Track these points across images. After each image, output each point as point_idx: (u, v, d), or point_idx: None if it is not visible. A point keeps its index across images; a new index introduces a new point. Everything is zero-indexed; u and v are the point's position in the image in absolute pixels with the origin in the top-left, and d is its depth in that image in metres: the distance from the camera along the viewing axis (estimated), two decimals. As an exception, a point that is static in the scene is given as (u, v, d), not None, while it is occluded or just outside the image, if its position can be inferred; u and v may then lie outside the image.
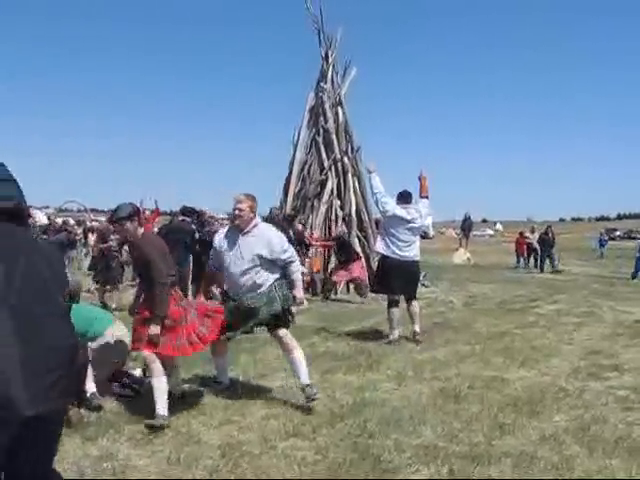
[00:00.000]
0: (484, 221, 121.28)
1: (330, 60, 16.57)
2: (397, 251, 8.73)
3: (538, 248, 24.30)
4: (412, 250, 8.81)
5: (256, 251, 5.78)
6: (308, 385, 5.77)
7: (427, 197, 9.28)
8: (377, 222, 14.73)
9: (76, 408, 5.21)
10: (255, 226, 5.92)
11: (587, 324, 10.62)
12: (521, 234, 25.43)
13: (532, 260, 24.72)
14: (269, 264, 5.85)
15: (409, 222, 8.72)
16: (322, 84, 16.45)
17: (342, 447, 4.74)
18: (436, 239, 39.01)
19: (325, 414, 5.52)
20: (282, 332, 5.93)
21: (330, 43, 16.64)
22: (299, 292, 6.08)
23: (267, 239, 5.84)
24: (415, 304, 9.07)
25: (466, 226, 32.49)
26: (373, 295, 11.65)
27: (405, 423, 5.29)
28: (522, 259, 25.21)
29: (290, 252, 5.97)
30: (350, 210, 15.68)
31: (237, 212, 5.86)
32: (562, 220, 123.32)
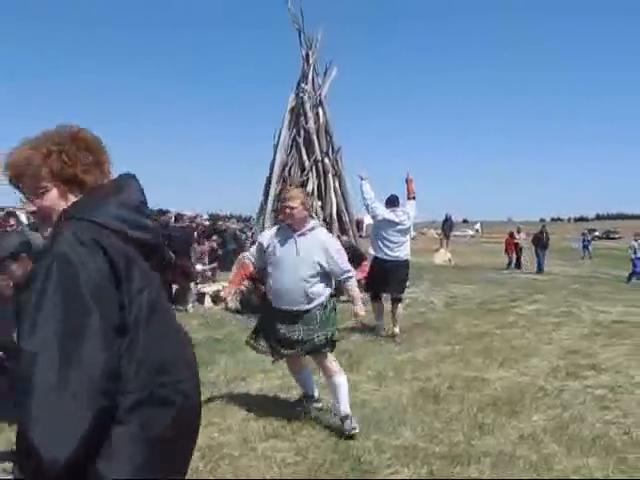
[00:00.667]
0: (465, 221, 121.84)
1: (311, 61, 16.59)
2: (388, 252, 9.21)
3: (525, 248, 24.43)
4: (403, 250, 9.31)
5: (315, 257, 5.05)
6: (347, 416, 5.08)
7: (414, 198, 9.70)
8: (358, 223, 14.79)
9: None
10: (312, 229, 5.19)
11: (566, 324, 10.72)
12: (511, 234, 25.30)
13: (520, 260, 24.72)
14: (325, 275, 5.14)
15: (398, 224, 9.20)
16: (303, 85, 16.46)
17: (322, 448, 4.74)
18: (417, 239, 39.08)
19: (305, 415, 5.52)
20: (328, 356, 5.25)
21: (311, 44, 16.66)
22: (360, 309, 5.40)
23: (324, 245, 5.12)
24: (400, 307, 9.42)
25: (447, 227, 32.61)
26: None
27: (385, 424, 5.31)
28: (510, 259, 25.05)
29: (349, 265, 5.26)
30: (331, 211, 15.69)
31: (288, 210, 5.10)
32: (542, 220, 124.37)
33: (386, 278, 9.18)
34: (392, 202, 9.47)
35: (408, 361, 7.65)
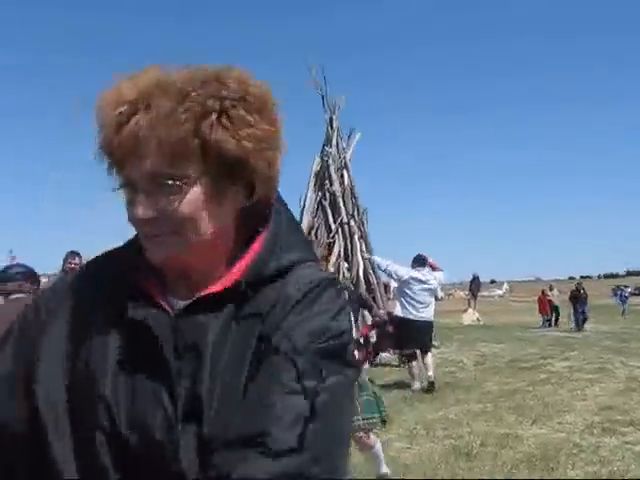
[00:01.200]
0: (492, 282, 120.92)
1: (334, 125, 16.87)
2: (414, 312, 9.50)
3: (561, 305, 23.97)
4: (428, 311, 9.66)
5: None
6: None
7: (441, 270, 10.17)
8: (385, 286, 14.81)
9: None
10: None
11: (600, 380, 10.51)
12: (543, 292, 24.97)
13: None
14: None
15: (424, 283, 9.51)
16: (327, 148, 16.70)
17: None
18: (445, 301, 38.87)
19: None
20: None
21: (334, 108, 16.98)
22: None
23: None
24: (429, 355, 9.68)
25: (474, 286, 32.40)
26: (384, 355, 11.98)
27: (418, 481, 5.24)
28: (544, 318, 24.58)
29: None
30: (358, 272, 15.70)
31: None
32: (572, 278, 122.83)
33: (417, 335, 9.42)
34: (418, 261, 9.72)
35: (439, 419, 7.56)
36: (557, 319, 24.27)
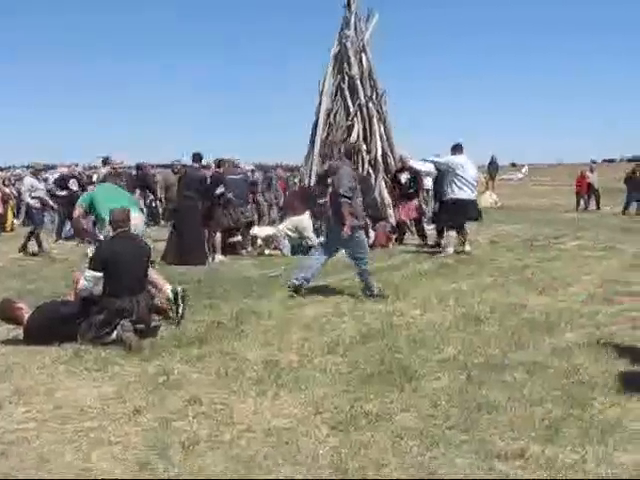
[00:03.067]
0: (513, 165, 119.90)
1: (352, 7, 16.73)
2: (458, 191, 11.26)
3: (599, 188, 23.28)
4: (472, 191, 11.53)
5: None
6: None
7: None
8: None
9: (136, 336, 5.87)
10: None
11: (607, 257, 10.99)
12: (582, 174, 24.15)
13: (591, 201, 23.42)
14: None
15: (462, 166, 11.21)
16: (345, 31, 16.65)
17: (372, 362, 5.30)
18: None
19: (356, 336, 6.09)
20: None
21: (352, -11, 16.75)
22: None
23: None
24: (466, 227, 11.64)
25: (492, 169, 32.62)
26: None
27: (429, 342, 5.86)
28: (582, 200, 23.77)
29: None
30: (376, 154, 16.02)
31: None
32: (594, 162, 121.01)
33: (458, 214, 11.33)
34: (457, 149, 11.57)
35: (452, 291, 8.14)
36: (598, 203, 23.37)
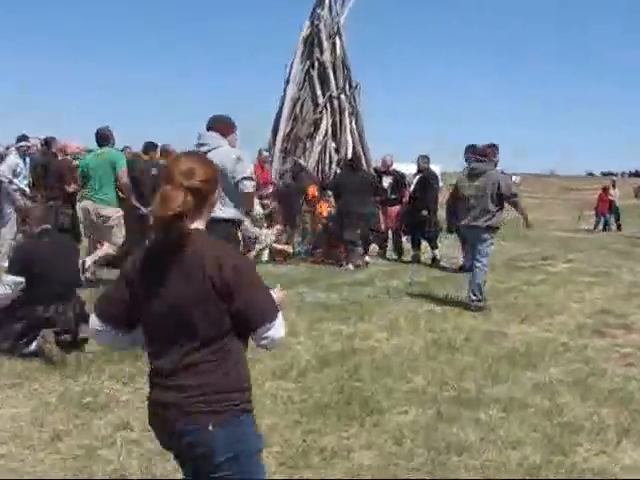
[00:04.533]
0: (502, 173, 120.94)
1: (328, -17, 16.72)
2: None
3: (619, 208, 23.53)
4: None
5: None
6: None
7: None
8: (376, 170, 14.92)
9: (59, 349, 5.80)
10: None
11: (601, 284, 11.14)
12: (604, 190, 24.32)
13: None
14: None
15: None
16: (319, 10, 16.55)
17: (329, 390, 5.33)
18: (445, 192, 39.27)
19: (312, 359, 6.11)
20: None
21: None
22: None
23: None
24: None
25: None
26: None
27: (395, 370, 5.90)
28: (603, 218, 23.86)
29: None
30: (346, 152, 16.00)
31: None
32: (591, 174, 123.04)
33: None
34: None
35: (423, 313, 8.20)
36: (619, 223, 23.53)
